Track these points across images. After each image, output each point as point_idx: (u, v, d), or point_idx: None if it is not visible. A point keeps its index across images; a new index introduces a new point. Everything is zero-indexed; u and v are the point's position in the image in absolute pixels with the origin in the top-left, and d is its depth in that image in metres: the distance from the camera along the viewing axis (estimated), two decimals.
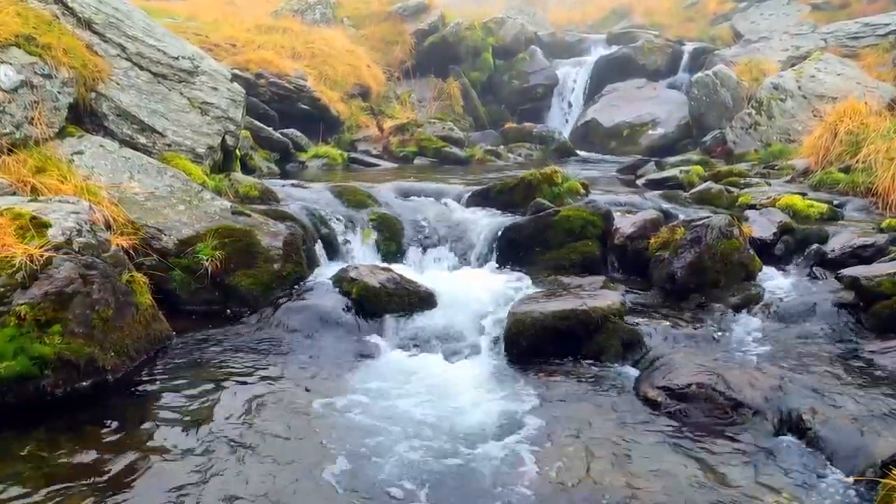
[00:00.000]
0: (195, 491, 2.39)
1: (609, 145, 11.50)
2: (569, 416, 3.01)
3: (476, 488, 2.50)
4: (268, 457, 2.62)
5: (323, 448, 2.71)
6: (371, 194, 5.68)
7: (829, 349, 3.56)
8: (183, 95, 5.59)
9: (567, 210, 5.05)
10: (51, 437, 2.69)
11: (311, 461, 2.61)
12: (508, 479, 2.55)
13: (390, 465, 2.62)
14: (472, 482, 2.53)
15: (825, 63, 9.53)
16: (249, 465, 2.56)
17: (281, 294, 4.18)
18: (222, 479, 2.46)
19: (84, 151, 4.50)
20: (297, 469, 2.56)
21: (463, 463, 2.65)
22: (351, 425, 2.89)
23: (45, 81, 4.50)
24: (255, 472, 2.52)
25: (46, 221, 3.23)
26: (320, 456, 2.65)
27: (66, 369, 2.95)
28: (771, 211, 5.24)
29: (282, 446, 2.70)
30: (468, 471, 2.60)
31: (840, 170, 6.47)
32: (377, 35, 12.61)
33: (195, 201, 4.53)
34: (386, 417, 2.97)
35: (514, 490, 2.49)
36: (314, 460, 2.61)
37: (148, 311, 3.49)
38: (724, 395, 3.02)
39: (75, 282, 3.05)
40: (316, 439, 2.77)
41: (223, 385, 3.19)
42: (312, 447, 2.71)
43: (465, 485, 2.52)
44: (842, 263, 4.32)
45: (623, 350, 3.58)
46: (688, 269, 4.18)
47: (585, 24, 18.47)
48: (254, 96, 8.55)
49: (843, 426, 2.76)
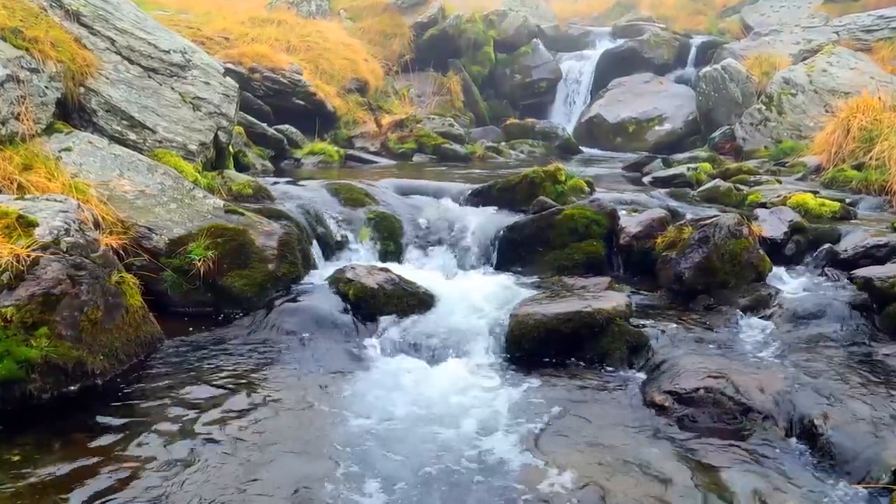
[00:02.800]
0: (183, 499, 2.39)
1: (614, 141, 11.51)
2: (572, 422, 3.01)
3: (476, 496, 2.50)
4: (261, 464, 2.62)
5: (318, 455, 2.71)
6: (368, 192, 5.68)
7: (842, 352, 3.56)
8: (174, 90, 5.60)
9: (571, 209, 5.05)
10: (37, 444, 2.68)
11: (306, 469, 2.60)
12: (510, 486, 2.55)
13: (387, 471, 2.61)
14: (471, 489, 2.53)
15: (837, 57, 9.52)
16: (241, 473, 2.55)
17: (275, 295, 4.17)
18: (212, 487, 2.46)
19: (72, 148, 4.50)
20: (291, 477, 2.55)
21: (463, 469, 2.65)
22: (347, 431, 2.89)
23: (31, 76, 4.49)
24: (247, 480, 2.52)
25: (33, 220, 3.22)
26: (315, 463, 2.65)
27: (54, 373, 2.95)
28: (781, 209, 5.24)
29: (275, 454, 2.69)
30: (468, 477, 2.60)
31: (853, 167, 6.47)
32: (375, 28, 12.61)
33: (187, 200, 4.53)
34: (383, 422, 2.97)
35: (515, 498, 2.49)
36: (309, 468, 2.61)
37: (138, 313, 3.49)
38: (732, 400, 3.02)
39: (63, 283, 3.05)
40: (311, 446, 2.77)
41: (215, 390, 3.19)
42: (307, 455, 2.71)
43: (465, 492, 2.52)
44: (855, 264, 4.32)
45: (629, 353, 3.58)
46: (696, 269, 4.18)
47: (590, 16, 18.49)
48: (247, 91, 8.54)
49: (856, 431, 2.75)
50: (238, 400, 3.10)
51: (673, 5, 16.95)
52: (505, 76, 13.30)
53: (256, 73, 9.13)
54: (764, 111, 9.14)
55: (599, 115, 11.92)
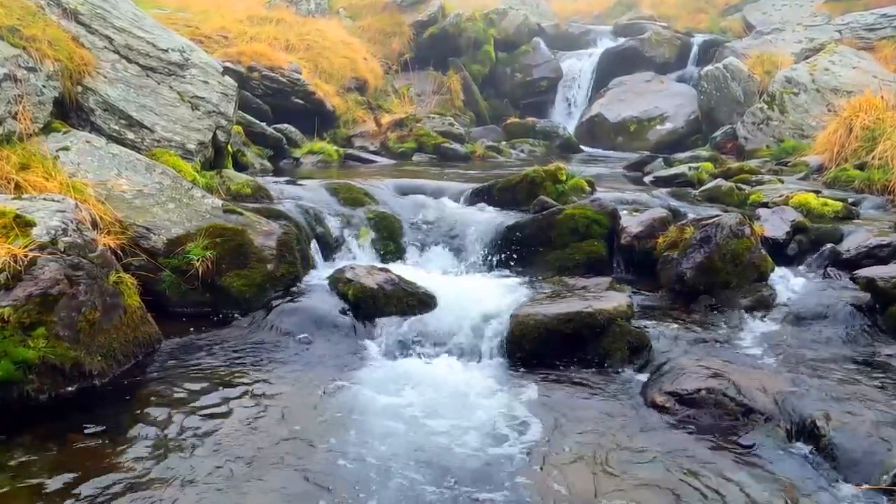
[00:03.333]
0: (182, 502, 2.39)
1: (615, 141, 11.52)
2: (573, 424, 3.01)
3: (476, 499, 2.50)
4: (259, 468, 2.62)
5: (317, 458, 2.71)
6: (368, 192, 5.69)
7: (844, 353, 3.56)
8: (173, 89, 5.60)
9: (572, 208, 5.05)
10: (35, 445, 2.68)
11: (305, 473, 2.61)
12: (511, 489, 2.55)
13: (387, 475, 2.61)
14: (472, 492, 2.53)
15: (840, 55, 9.53)
16: (239, 476, 2.55)
17: (274, 296, 4.18)
18: (210, 490, 2.46)
19: (70, 147, 4.50)
20: (290, 482, 2.55)
21: (463, 472, 2.65)
22: (346, 434, 2.89)
23: (29, 75, 4.50)
24: (245, 483, 2.52)
25: (31, 220, 3.23)
26: (314, 467, 2.65)
27: (51, 374, 2.95)
28: (784, 209, 5.25)
29: (274, 457, 2.69)
30: (468, 481, 2.60)
31: (855, 166, 6.48)
32: (374, 26, 12.61)
33: (185, 199, 4.53)
34: (383, 425, 2.96)
35: (516, 501, 2.49)
36: (309, 473, 2.61)
37: (136, 314, 3.49)
38: (734, 401, 3.02)
39: (61, 283, 3.05)
40: (310, 450, 2.77)
41: (213, 391, 3.18)
42: (306, 458, 2.71)
43: (465, 495, 2.52)
44: (857, 264, 4.32)
45: (630, 354, 3.59)
46: (697, 269, 4.19)
47: (591, 15, 18.49)
48: (246, 90, 8.55)
49: (859, 433, 2.75)
50: (236, 402, 3.10)
51: (674, 4, 16.95)
52: (505, 75, 13.31)
53: (255, 71, 9.14)
54: (766, 110, 9.15)
55: (600, 114, 11.93)
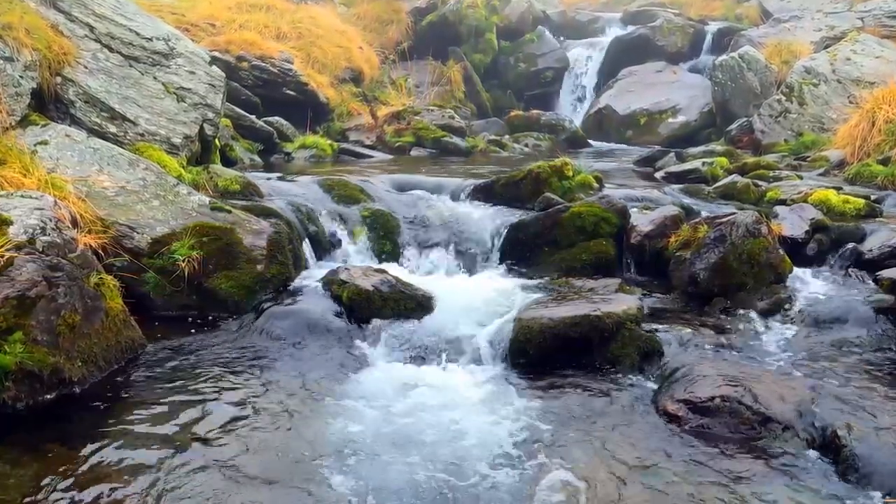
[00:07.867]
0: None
1: (625, 134, 11.52)
2: (580, 433, 3.01)
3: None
4: (245, 477, 2.62)
5: (309, 469, 2.71)
6: (364, 188, 5.68)
7: (866, 358, 3.56)
8: (157, 80, 5.60)
9: (579, 206, 5.05)
10: (10, 458, 2.68)
11: (295, 485, 2.60)
12: (514, 500, 2.55)
13: (383, 488, 2.61)
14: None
15: (862, 44, 9.53)
16: (224, 486, 2.55)
17: (264, 298, 4.18)
18: (194, 500, 2.46)
19: (48, 141, 4.50)
20: (277, 494, 2.55)
21: (463, 485, 2.64)
22: (340, 445, 2.89)
23: (5, 65, 4.50)
24: (229, 493, 2.52)
25: (7, 218, 3.22)
26: (306, 478, 2.65)
27: (29, 381, 2.94)
28: (803, 207, 5.24)
29: (263, 468, 2.69)
30: (470, 494, 2.60)
31: (878, 161, 6.47)
32: (370, 13, 12.60)
33: (170, 196, 4.53)
34: (379, 435, 2.96)
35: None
36: (297, 482, 2.61)
37: (118, 317, 3.49)
38: (750, 410, 3.02)
39: (39, 285, 3.04)
40: (301, 460, 2.77)
41: (199, 399, 3.18)
42: (297, 469, 2.71)
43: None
44: (880, 264, 4.31)
45: (640, 360, 3.58)
46: (711, 270, 4.18)
47: (599, 1, 18.48)
48: (235, 81, 8.54)
49: (881, 443, 2.76)
50: (223, 409, 3.10)
51: None
52: (508, 65, 13.30)
53: (244, 61, 9.14)
54: (784, 102, 9.14)
55: (609, 106, 11.93)
